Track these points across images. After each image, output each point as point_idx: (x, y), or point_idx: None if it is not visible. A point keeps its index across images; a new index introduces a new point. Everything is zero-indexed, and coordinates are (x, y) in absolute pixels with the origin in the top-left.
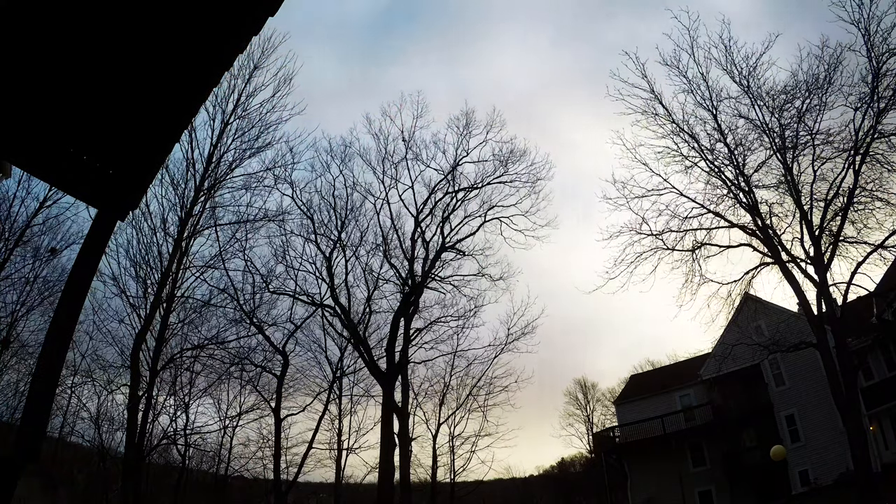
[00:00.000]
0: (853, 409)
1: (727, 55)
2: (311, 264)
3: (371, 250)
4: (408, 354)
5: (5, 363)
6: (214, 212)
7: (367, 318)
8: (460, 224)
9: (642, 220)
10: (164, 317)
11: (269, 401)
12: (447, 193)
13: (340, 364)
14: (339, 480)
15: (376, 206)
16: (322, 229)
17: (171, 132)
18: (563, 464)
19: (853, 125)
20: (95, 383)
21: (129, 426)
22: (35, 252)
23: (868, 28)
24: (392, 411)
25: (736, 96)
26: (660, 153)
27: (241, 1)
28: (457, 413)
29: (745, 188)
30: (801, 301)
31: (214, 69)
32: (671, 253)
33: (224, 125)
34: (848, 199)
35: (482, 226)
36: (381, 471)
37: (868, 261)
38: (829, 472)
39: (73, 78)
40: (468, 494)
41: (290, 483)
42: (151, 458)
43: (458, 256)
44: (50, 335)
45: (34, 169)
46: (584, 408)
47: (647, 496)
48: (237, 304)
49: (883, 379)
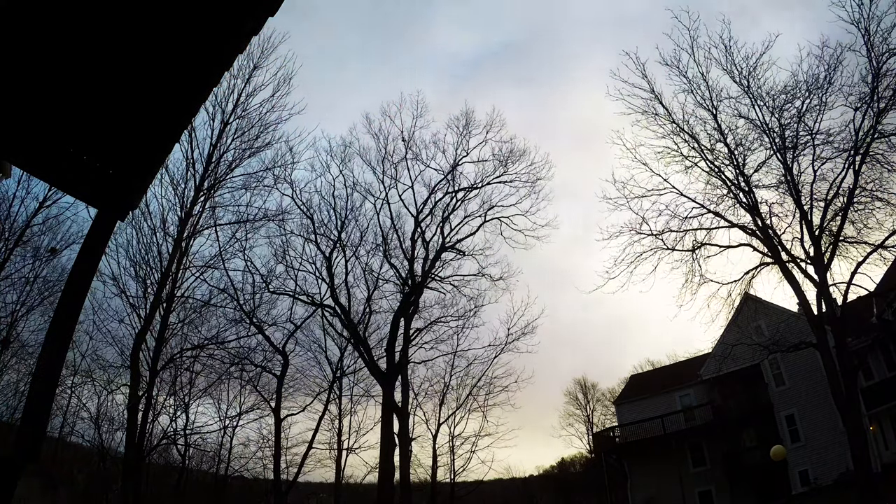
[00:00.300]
0: (853, 409)
1: (727, 55)
2: (311, 264)
3: (371, 250)
4: (408, 354)
5: (5, 363)
6: (214, 212)
7: (367, 318)
8: (460, 224)
9: (642, 220)
10: (164, 317)
11: (269, 401)
12: (447, 193)
13: (340, 364)
14: (339, 480)
15: (376, 206)
16: (322, 229)
17: (171, 132)
18: (563, 464)
19: (853, 125)
20: (95, 383)
21: (129, 426)
22: (35, 252)
23: (868, 28)
24: (392, 411)
25: (736, 96)
26: (660, 153)
27: (241, 1)
28: (457, 413)
29: (745, 188)
30: (801, 301)
31: (214, 69)
32: (671, 253)
33: (224, 125)
34: (848, 199)
35: (482, 226)
36: (381, 471)
37: (868, 261)
38: (829, 472)
39: (72, 78)
40: (468, 494)
41: (290, 483)
42: (151, 458)
43: (458, 256)
44: (50, 335)
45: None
46: (584, 408)
47: (647, 496)
48: (237, 304)
49: (883, 379)
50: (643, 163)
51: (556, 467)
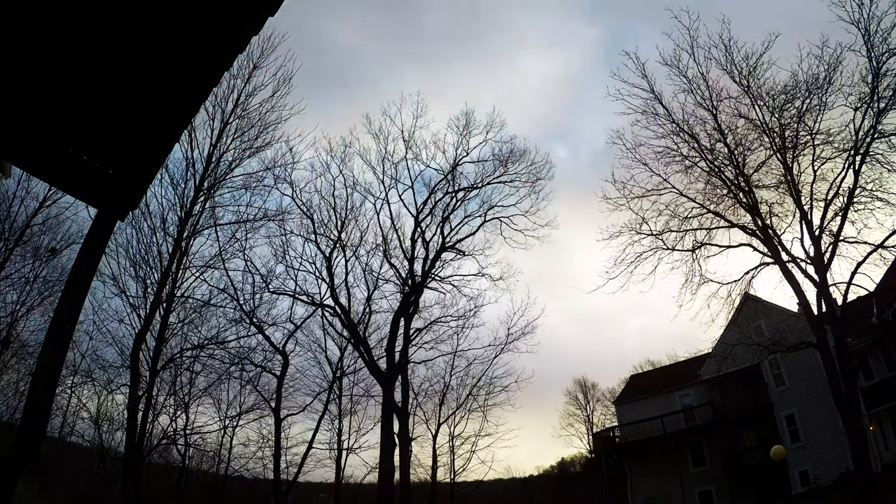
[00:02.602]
0: (853, 409)
1: (727, 55)
2: (311, 264)
3: (371, 250)
4: (408, 354)
5: (5, 363)
6: (214, 211)
7: (367, 318)
8: (460, 224)
9: (642, 220)
10: (164, 317)
11: (269, 401)
12: (447, 193)
13: (340, 364)
14: (339, 480)
15: (376, 206)
16: (322, 229)
17: (171, 132)
18: (563, 464)
19: (853, 125)
20: (95, 383)
21: (129, 426)
22: (35, 252)
23: (868, 28)
24: (392, 411)
25: (736, 96)
26: (660, 153)
27: (241, 1)
28: (457, 413)
29: (745, 188)
30: (801, 301)
31: (214, 69)
32: (671, 253)
33: (224, 125)
34: (848, 199)
35: (482, 226)
36: (381, 471)
37: (868, 261)
38: (829, 472)
39: (72, 78)
40: (468, 494)
41: (290, 483)
42: (151, 458)
43: (458, 256)
44: (50, 335)
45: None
46: (584, 408)
47: (647, 496)
48: (237, 304)
49: (883, 379)
50: (643, 163)
51: (556, 467)
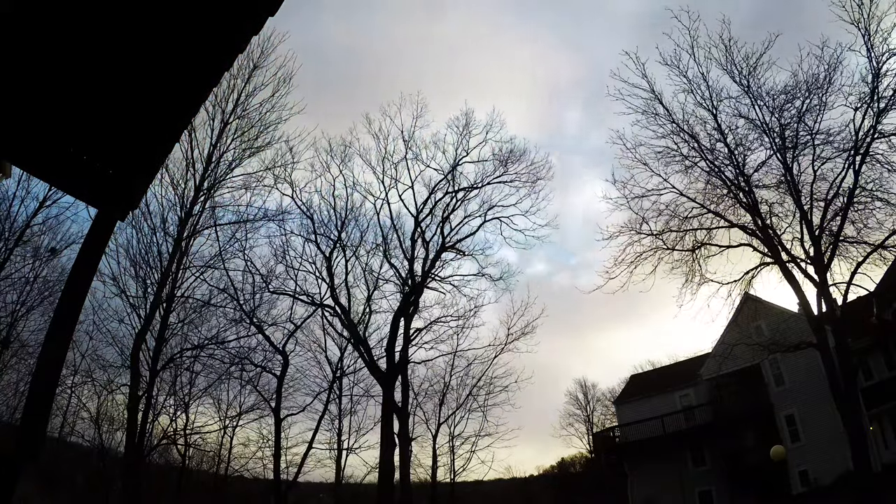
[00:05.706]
0: (853, 409)
1: (727, 55)
2: (311, 264)
3: (371, 250)
4: (408, 354)
5: (5, 363)
6: (214, 212)
7: (367, 318)
8: (460, 224)
9: (642, 220)
10: (164, 317)
11: (269, 401)
12: (447, 193)
13: (340, 364)
14: (339, 480)
15: (376, 206)
16: (322, 229)
17: (171, 132)
18: (563, 464)
19: (853, 125)
20: (95, 383)
21: (129, 426)
22: (35, 252)
23: (868, 28)
24: (392, 411)
25: (736, 96)
26: (660, 153)
27: (241, 1)
28: (457, 413)
29: (745, 188)
30: (801, 301)
31: (214, 69)
32: (671, 253)
33: (224, 125)
34: (848, 199)
35: (482, 226)
36: (381, 471)
37: (868, 261)
38: (829, 472)
39: (73, 78)
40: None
41: (290, 483)
42: (151, 458)
43: (458, 256)
44: (50, 335)
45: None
46: (584, 408)
47: (647, 496)
48: (237, 304)
49: (883, 379)
50: (643, 162)
51: (556, 467)
